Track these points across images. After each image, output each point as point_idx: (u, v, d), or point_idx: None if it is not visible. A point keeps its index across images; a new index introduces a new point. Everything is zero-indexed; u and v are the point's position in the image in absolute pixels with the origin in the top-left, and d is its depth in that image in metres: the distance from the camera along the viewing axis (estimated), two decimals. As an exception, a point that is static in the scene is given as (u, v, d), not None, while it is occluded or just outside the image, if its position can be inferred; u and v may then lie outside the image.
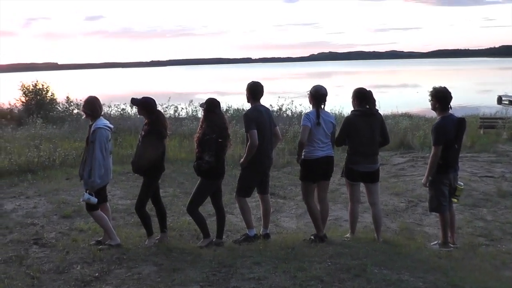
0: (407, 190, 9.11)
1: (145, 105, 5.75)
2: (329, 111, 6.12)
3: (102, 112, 5.81)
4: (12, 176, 10.12)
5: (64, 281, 4.62)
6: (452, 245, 6.01)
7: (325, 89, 5.81)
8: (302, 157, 5.80)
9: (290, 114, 18.73)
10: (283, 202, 8.35)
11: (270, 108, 18.83)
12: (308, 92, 5.83)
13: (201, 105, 5.82)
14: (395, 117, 18.73)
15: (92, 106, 5.61)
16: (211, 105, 5.63)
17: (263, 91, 5.89)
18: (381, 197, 8.28)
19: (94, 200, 5.46)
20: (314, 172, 5.80)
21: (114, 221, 6.96)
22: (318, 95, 5.73)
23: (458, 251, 5.87)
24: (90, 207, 5.58)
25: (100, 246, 5.63)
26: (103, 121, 5.55)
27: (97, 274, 4.73)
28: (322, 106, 5.77)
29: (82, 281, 4.58)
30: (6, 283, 4.55)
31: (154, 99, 5.84)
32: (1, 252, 5.59)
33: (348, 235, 6.17)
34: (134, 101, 5.80)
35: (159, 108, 20.36)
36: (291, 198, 8.47)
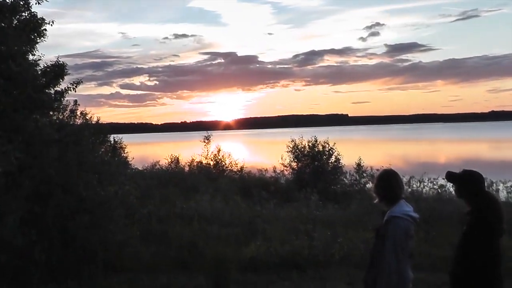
0: None
1: (466, 183, 4.72)
2: None
3: (404, 194, 4.88)
4: (270, 271, 9.03)
5: None
6: None
7: None
8: None
9: None
10: None
11: None
12: None
13: None
14: None
15: (387, 184, 4.80)
16: None
17: None
18: None
19: None
20: None
21: None
22: None
23: None
24: None
25: None
26: (403, 208, 4.70)
27: None
28: None
29: None
30: None
31: (480, 174, 4.78)
32: None
33: None
34: (450, 177, 4.87)
35: (493, 187, 15.89)
36: None
